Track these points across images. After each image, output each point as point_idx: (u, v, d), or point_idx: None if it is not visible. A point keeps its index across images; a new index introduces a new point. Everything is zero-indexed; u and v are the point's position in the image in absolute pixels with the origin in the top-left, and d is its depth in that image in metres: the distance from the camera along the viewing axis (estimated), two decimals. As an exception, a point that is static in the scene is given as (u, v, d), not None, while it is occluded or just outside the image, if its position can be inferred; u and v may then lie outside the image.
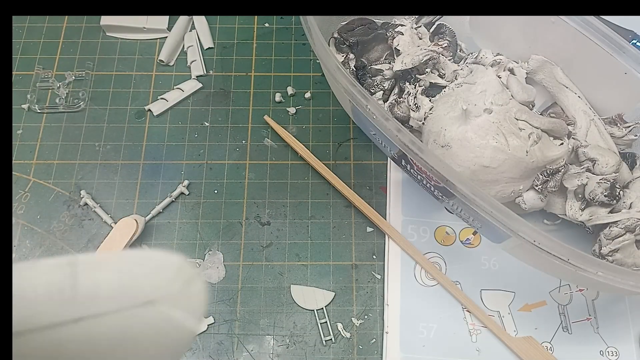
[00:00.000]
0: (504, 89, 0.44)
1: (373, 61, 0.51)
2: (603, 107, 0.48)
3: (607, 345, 0.46)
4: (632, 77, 0.45)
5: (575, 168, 0.44)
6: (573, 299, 0.48)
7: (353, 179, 0.52)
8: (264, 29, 0.60)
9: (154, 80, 0.57)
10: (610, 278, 0.36)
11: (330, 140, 0.54)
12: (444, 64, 0.49)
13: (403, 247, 0.49)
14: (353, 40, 0.51)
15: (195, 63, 0.58)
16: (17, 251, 0.49)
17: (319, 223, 0.51)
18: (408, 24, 0.50)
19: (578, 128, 0.47)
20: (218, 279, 0.48)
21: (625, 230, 0.42)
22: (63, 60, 0.58)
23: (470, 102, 0.43)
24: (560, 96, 0.49)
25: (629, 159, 0.47)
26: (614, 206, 0.44)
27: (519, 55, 0.50)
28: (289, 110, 0.56)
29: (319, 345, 0.46)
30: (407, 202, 0.51)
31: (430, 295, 0.48)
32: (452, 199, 0.41)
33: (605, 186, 0.43)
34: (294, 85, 0.57)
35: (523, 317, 0.47)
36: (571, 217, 0.45)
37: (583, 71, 0.48)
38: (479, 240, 0.50)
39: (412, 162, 0.42)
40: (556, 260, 0.36)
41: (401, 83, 0.50)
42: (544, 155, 0.43)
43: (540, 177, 0.43)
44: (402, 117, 0.48)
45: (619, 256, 0.42)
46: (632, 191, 0.44)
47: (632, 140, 0.47)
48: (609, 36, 0.45)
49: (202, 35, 0.59)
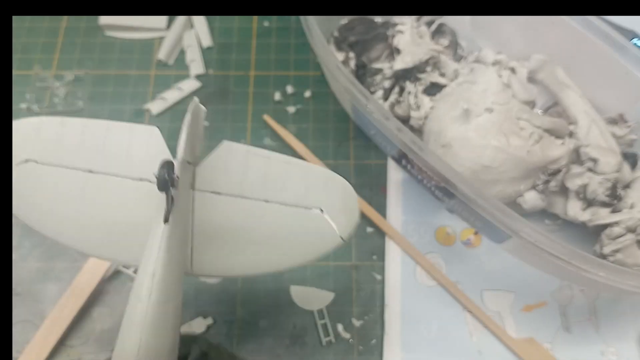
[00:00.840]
0: (505, 88, 0.44)
1: (373, 60, 0.51)
2: (604, 106, 0.48)
3: (607, 346, 0.46)
4: (632, 76, 0.45)
5: (576, 168, 0.44)
6: (574, 299, 0.47)
7: (353, 179, 0.52)
8: (263, 28, 0.60)
9: (153, 80, 0.57)
10: (612, 278, 0.36)
11: (330, 140, 0.54)
12: (444, 63, 0.49)
13: (403, 247, 0.49)
14: (353, 39, 0.50)
15: (194, 62, 0.57)
16: (17, 251, 0.49)
17: (319, 223, 0.51)
18: (409, 23, 0.50)
19: (579, 128, 0.47)
20: (218, 279, 0.48)
21: (626, 230, 0.42)
22: (62, 60, 0.58)
23: (471, 101, 0.43)
24: (561, 96, 0.49)
25: (630, 158, 0.47)
26: (615, 206, 0.44)
27: (520, 55, 0.50)
28: (288, 110, 0.55)
29: (319, 345, 0.46)
30: (407, 202, 0.51)
31: (431, 295, 0.48)
32: (452, 198, 0.41)
33: (606, 186, 0.43)
34: (294, 84, 0.57)
35: (523, 318, 0.47)
36: (572, 217, 0.45)
37: (584, 71, 0.48)
38: (479, 241, 0.50)
39: (413, 161, 0.42)
40: (557, 260, 0.36)
41: (402, 82, 0.49)
42: (545, 155, 0.43)
43: (541, 177, 0.43)
44: (403, 116, 0.48)
45: (620, 256, 0.42)
46: (633, 191, 0.44)
47: (633, 139, 0.47)
48: (610, 36, 0.45)
49: (201, 34, 0.59)
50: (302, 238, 0.31)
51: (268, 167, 0.31)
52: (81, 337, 0.46)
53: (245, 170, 0.31)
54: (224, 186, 0.31)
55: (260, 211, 0.31)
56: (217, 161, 0.32)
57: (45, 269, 0.48)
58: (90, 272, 0.47)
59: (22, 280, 0.47)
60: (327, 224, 0.31)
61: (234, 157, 0.32)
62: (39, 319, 0.46)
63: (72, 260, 0.48)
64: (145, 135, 0.32)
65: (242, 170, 0.31)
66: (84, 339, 0.45)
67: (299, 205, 0.31)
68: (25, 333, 0.45)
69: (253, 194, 0.31)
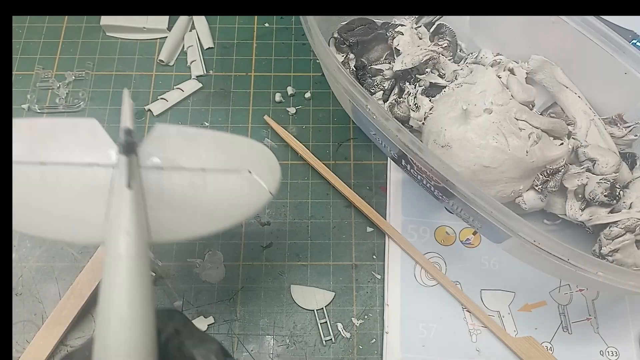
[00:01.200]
0: (504, 89, 0.44)
1: (373, 61, 0.51)
2: (603, 107, 0.48)
3: (607, 345, 0.46)
4: (632, 77, 0.45)
5: (575, 168, 0.44)
6: (573, 299, 0.48)
7: (353, 179, 0.52)
8: (264, 29, 0.60)
9: (154, 80, 0.57)
10: (611, 278, 0.36)
11: (330, 140, 0.54)
12: (444, 64, 0.49)
13: (403, 247, 0.49)
14: (353, 40, 0.51)
15: (195, 63, 0.58)
16: (17, 251, 0.49)
17: (319, 223, 0.51)
18: (408, 24, 0.50)
19: (578, 128, 0.47)
20: (218, 279, 0.48)
21: (625, 230, 0.42)
22: (63, 60, 0.58)
23: (470, 102, 0.43)
24: (560, 96, 0.49)
25: (629, 159, 0.47)
26: (614, 206, 0.44)
27: (519, 55, 0.50)
28: (289, 110, 0.56)
29: (319, 345, 0.46)
30: (407, 202, 0.51)
31: (430, 295, 0.48)
32: (452, 199, 0.41)
33: (605, 186, 0.43)
34: (294, 85, 0.57)
35: (523, 317, 0.47)
36: (571, 217, 0.45)
37: (583, 71, 0.48)
38: (479, 240, 0.50)
39: (412, 162, 0.42)
40: (556, 260, 0.36)
41: (401, 83, 0.50)
42: (544, 155, 0.43)
43: (540, 177, 0.43)
44: (402, 117, 0.48)
45: (619, 256, 0.42)
46: (632, 191, 0.44)
47: (632, 140, 0.47)
48: (609, 36, 0.45)
49: (202, 35, 0.59)
50: (239, 197, 0.36)
51: (199, 141, 0.37)
52: (81, 337, 0.46)
53: (180, 146, 0.36)
54: (165, 162, 0.36)
55: (200, 179, 0.36)
56: (154, 141, 0.36)
57: (45, 269, 0.48)
58: (90, 272, 0.47)
59: (22, 280, 0.48)
60: (257, 183, 0.37)
61: (168, 136, 0.37)
62: (39, 319, 0.46)
63: (72, 260, 0.48)
64: (87, 127, 0.36)
65: (177, 146, 0.36)
66: (84, 339, 0.46)
67: (230, 170, 0.36)
68: (25, 333, 0.45)
69: (190, 165, 0.36)
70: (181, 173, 0.36)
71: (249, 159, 0.37)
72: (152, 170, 0.35)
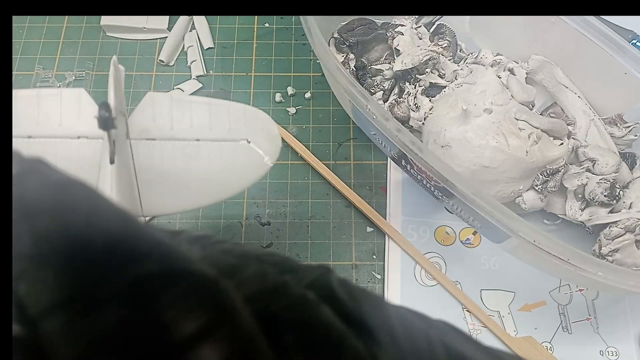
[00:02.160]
0: (504, 89, 0.44)
1: (373, 61, 0.51)
2: (603, 107, 0.48)
3: (607, 345, 0.46)
4: (631, 77, 0.45)
5: (575, 168, 0.45)
6: (573, 299, 0.48)
7: (353, 179, 0.52)
8: (264, 29, 0.60)
9: (154, 81, 0.57)
10: (610, 278, 0.36)
11: (330, 140, 0.54)
12: (444, 64, 0.49)
13: (403, 247, 0.49)
14: (353, 40, 0.51)
15: (195, 63, 0.58)
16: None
17: (319, 223, 0.51)
18: (408, 24, 0.50)
19: (578, 128, 0.47)
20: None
21: (625, 230, 0.42)
22: (63, 60, 0.58)
23: (470, 102, 0.43)
24: (560, 96, 0.49)
25: (628, 159, 0.47)
26: (613, 206, 0.44)
27: (519, 55, 0.50)
28: (289, 111, 0.56)
29: (319, 345, 0.46)
30: (407, 202, 0.51)
31: (430, 295, 0.48)
32: (452, 199, 0.41)
33: (605, 186, 0.43)
34: (294, 85, 0.57)
35: (523, 317, 0.47)
36: (571, 217, 0.45)
37: (583, 71, 0.48)
38: (479, 240, 0.50)
39: (412, 162, 0.42)
40: (556, 260, 0.36)
41: (401, 83, 0.50)
42: (543, 155, 0.43)
43: (540, 177, 0.43)
44: (402, 117, 0.48)
45: (619, 256, 0.42)
46: (631, 191, 0.44)
47: (632, 140, 0.47)
48: (609, 36, 0.45)
49: (202, 35, 0.59)
50: (236, 168, 0.35)
51: (193, 109, 0.35)
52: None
53: (172, 115, 0.35)
54: (156, 132, 0.34)
55: (194, 150, 0.34)
56: (145, 111, 0.34)
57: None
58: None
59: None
60: (256, 153, 0.35)
61: (160, 105, 0.35)
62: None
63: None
64: (74, 97, 0.34)
65: (169, 115, 0.35)
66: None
67: (227, 140, 0.35)
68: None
69: (184, 136, 0.34)
70: (174, 143, 0.34)
71: (247, 127, 0.35)
72: (143, 141, 0.33)
